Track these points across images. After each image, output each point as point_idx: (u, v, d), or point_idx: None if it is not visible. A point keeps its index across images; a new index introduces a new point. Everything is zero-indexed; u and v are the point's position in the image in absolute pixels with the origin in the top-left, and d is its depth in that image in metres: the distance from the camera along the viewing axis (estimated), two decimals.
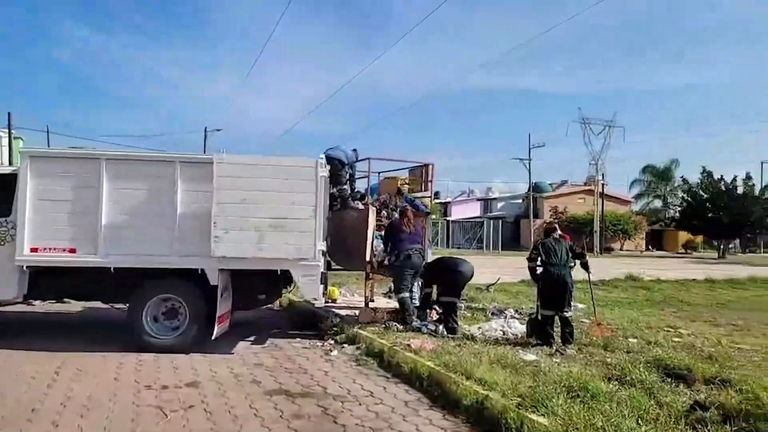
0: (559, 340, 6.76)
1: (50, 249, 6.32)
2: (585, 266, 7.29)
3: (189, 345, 6.55)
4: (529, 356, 6.12)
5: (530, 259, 7.20)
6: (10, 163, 23.61)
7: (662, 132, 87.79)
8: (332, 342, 7.25)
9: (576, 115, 44.02)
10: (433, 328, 7.29)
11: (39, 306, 7.51)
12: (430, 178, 10.16)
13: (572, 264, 7.01)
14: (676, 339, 7.52)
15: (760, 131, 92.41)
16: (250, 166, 6.50)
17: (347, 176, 9.49)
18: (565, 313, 6.87)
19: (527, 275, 15.20)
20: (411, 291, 7.89)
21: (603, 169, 41.09)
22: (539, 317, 6.96)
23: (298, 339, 7.55)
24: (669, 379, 5.28)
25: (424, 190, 10.37)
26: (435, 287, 7.91)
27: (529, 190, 43.61)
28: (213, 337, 6.46)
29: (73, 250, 6.36)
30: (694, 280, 17.05)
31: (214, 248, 6.26)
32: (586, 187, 45.77)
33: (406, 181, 10.42)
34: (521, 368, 5.43)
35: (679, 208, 40.82)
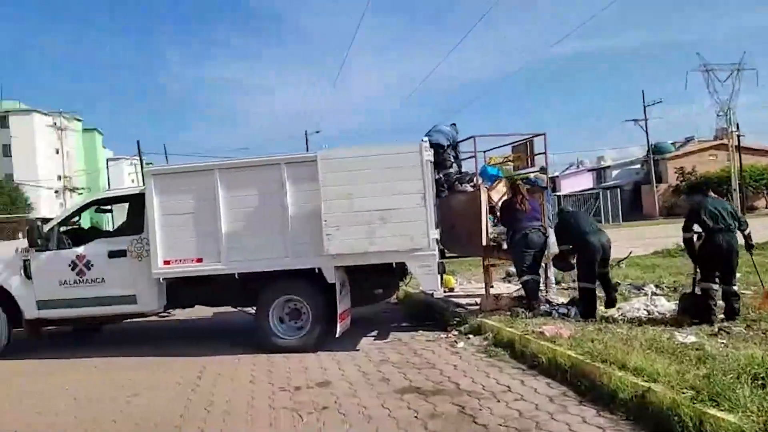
0: (721, 317, 5.92)
1: (180, 260, 6.60)
2: (747, 240, 6.36)
3: (315, 344, 6.56)
4: (689, 338, 5.37)
5: (686, 229, 6.28)
6: None
7: None
8: (456, 333, 6.94)
9: (695, 63, 39.54)
10: (565, 311, 6.72)
11: (171, 315, 7.90)
12: (538, 152, 9.47)
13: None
14: None
15: None
16: (353, 158, 6.35)
17: (451, 159, 9.11)
18: (733, 286, 6.06)
19: (658, 246, 13.91)
20: (536, 273, 7.33)
21: (731, 119, 36.68)
22: (697, 291, 6.14)
23: (420, 332, 7.32)
24: None
25: (531, 166, 9.68)
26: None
27: (648, 152, 40.20)
28: (337, 335, 6.41)
29: (200, 260, 6.61)
30: None
31: (327, 246, 6.19)
32: (717, 142, 41.20)
33: (509, 158, 9.81)
34: (683, 353, 4.73)
35: None
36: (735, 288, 6.06)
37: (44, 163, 54.25)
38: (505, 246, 7.45)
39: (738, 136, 35.90)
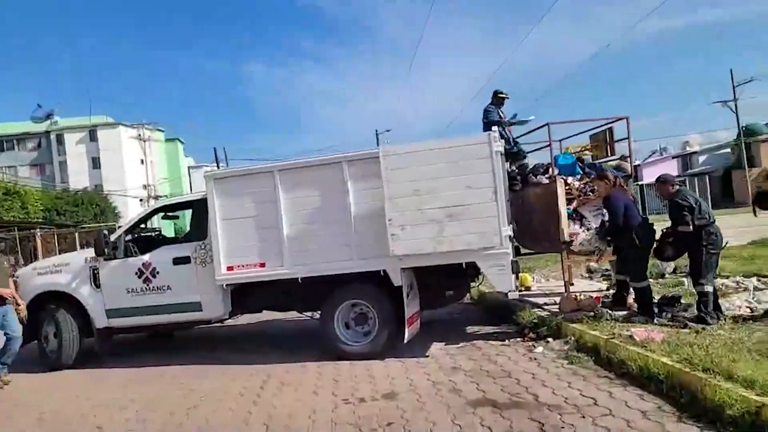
0: None
1: (243, 266, 6.50)
2: None
3: (382, 350, 6.27)
4: None
5: None
6: None
7: None
8: (534, 336, 6.43)
9: None
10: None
11: (233, 320, 7.86)
12: (619, 138, 8.70)
13: None
14: None
15: None
16: (418, 153, 5.99)
17: (523, 151, 8.58)
18: None
19: (755, 234, 12.59)
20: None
21: None
22: None
23: (495, 335, 6.87)
24: None
25: (611, 155, 8.92)
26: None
27: (738, 135, 37.07)
28: (405, 341, 6.09)
29: (262, 265, 6.48)
30: None
31: (392, 247, 5.88)
32: None
33: (587, 147, 9.10)
34: None
35: None
36: None
37: (130, 173, 57.54)
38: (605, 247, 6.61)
39: None
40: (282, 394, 5.27)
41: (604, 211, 6.42)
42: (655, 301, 6.34)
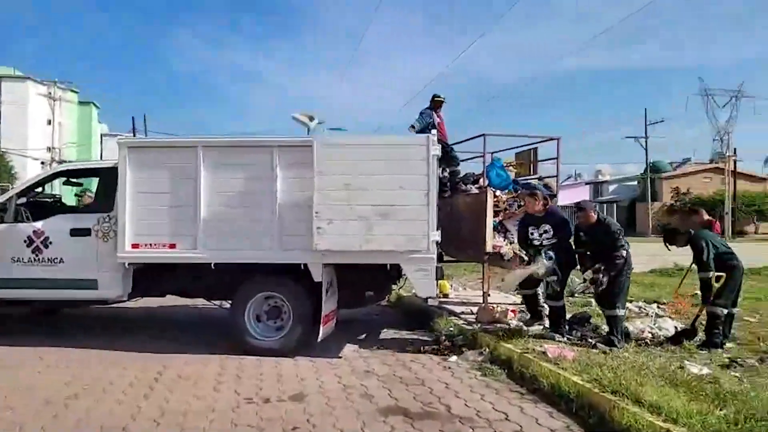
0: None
1: (150, 245, 5.98)
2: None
3: (293, 347, 5.97)
4: (696, 368, 4.89)
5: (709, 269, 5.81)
6: None
7: None
8: (449, 345, 6.38)
9: (697, 88, 39.52)
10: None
11: (134, 303, 7.25)
12: (544, 158, 8.95)
13: None
14: None
15: None
16: (353, 146, 5.77)
17: (457, 158, 8.58)
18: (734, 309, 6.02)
19: (656, 264, 13.49)
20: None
21: (730, 144, 36.60)
22: (715, 316, 5.77)
23: (410, 340, 6.76)
24: None
25: (533, 174, 9.17)
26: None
27: (645, 170, 39.94)
28: (319, 339, 5.83)
29: (173, 246, 5.98)
30: None
31: (317, 241, 5.60)
32: (713, 165, 41.12)
33: (512, 164, 9.28)
34: (698, 387, 4.25)
35: None
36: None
37: (34, 133, 52.99)
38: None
39: (734, 161, 35.77)
40: (178, 389, 4.83)
41: (548, 227, 6.28)
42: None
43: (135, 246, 5.97)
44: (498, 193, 7.79)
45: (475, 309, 7.39)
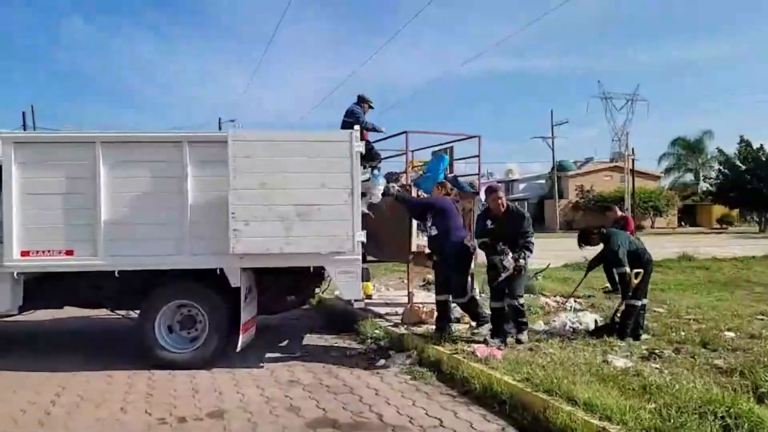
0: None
1: (43, 252, 5.32)
2: None
3: (210, 359, 5.54)
4: (620, 362, 5.02)
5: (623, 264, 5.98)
6: None
7: (687, 106, 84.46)
8: (376, 348, 6.20)
9: (596, 91, 42.20)
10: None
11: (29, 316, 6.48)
12: (468, 156, 8.99)
13: None
14: None
15: None
16: (272, 143, 5.42)
17: (379, 155, 8.40)
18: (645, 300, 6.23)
19: (568, 258, 14.16)
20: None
21: (628, 144, 39.43)
22: (632, 309, 5.98)
23: (336, 344, 6.51)
24: None
25: (449, 172, 9.19)
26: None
27: (552, 169, 42.05)
28: (238, 349, 5.44)
29: (70, 252, 5.36)
30: (753, 257, 15.67)
31: (234, 244, 5.20)
32: (613, 164, 44.04)
33: (426, 163, 9.23)
34: (625, 381, 4.32)
35: (715, 181, 38.82)
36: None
37: None
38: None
39: (632, 160, 38.50)
40: (79, 412, 4.29)
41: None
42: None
43: (25, 253, 5.29)
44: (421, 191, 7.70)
45: (399, 310, 7.26)
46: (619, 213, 10.48)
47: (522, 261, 5.67)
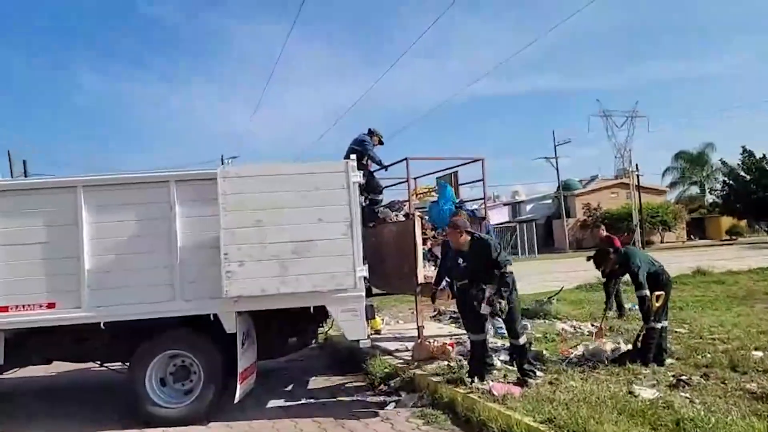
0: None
1: (23, 306, 5.00)
2: None
3: (207, 412, 5.15)
4: (646, 392, 4.61)
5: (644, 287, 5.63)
6: None
7: (688, 119, 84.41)
8: (385, 389, 5.79)
9: (595, 109, 42.25)
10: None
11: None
12: (465, 182, 8.68)
13: None
14: None
15: None
16: (263, 177, 5.13)
17: (380, 185, 8.12)
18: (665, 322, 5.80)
19: (579, 279, 13.72)
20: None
21: (631, 160, 39.22)
22: (653, 332, 5.56)
23: (343, 387, 6.12)
24: None
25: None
26: None
27: (558, 188, 41.75)
28: (236, 399, 5.05)
29: (51, 305, 5.03)
30: None
31: (227, 287, 4.86)
32: (618, 181, 43.70)
33: (434, 189, 8.96)
34: (655, 416, 3.92)
35: (721, 193, 38.35)
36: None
37: None
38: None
39: (638, 176, 38.18)
40: None
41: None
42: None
43: (3, 309, 4.96)
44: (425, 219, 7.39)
45: (410, 345, 6.87)
46: (604, 233, 10.29)
47: (501, 303, 5.01)
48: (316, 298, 5.18)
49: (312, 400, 5.68)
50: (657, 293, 5.54)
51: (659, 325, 5.58)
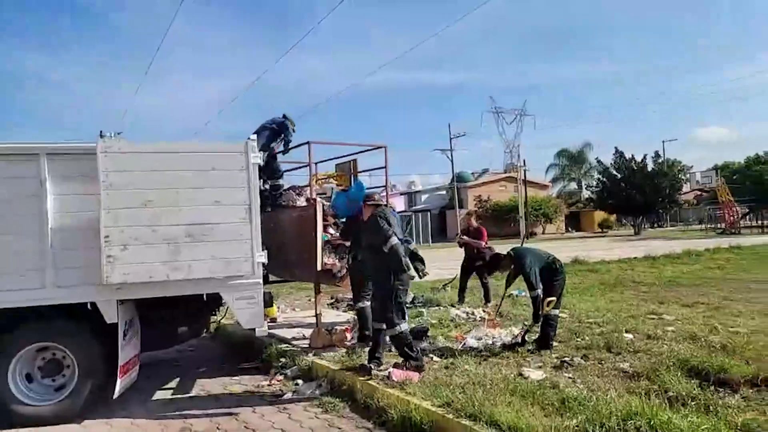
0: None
1: None
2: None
3: (83, 408, 4.67)
4: (534, 374, 4.87)
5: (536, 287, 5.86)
6: None
7: (571, 119, 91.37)
8: (282, 378, 5.62)
9: (488, 106, 44.37)
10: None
11: None
12: (363, 169, 8.68)
13: None
14: (669, 328, 6.56)
15: (658, 112, 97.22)
16: (154, 155, 4.72)
17: (280, 169, 7.85)
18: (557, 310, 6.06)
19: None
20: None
21: (519, 156, 41.71)
22: (552, 319, 5.87)
23: (236, 377, 5.85)
24: (710, 386, 4.35)
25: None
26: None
27: (452, 180, 43.28)
28: (115, 395, 4.63)
29: None
30: (635, 258, 16.81)
31: (108, 273, 4.43)
32: (506, 175, 46.21)
33: (333, 176, 8.87)
34: (543, 396, 4.14)
35: (596, 189, 41.99)
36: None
37: None
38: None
39: (524, 171, 40.64)
40: None
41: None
42: None
43: None
44: (327, 205, 7.24)
45: (307, 333, 6.73)
46: (474, 224, 9.84)
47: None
48: (211, 284, 4.88)
49: (202, 393, 5.37)
50: (549, 299, 5.79)
51: (554, 316, 5.88)
